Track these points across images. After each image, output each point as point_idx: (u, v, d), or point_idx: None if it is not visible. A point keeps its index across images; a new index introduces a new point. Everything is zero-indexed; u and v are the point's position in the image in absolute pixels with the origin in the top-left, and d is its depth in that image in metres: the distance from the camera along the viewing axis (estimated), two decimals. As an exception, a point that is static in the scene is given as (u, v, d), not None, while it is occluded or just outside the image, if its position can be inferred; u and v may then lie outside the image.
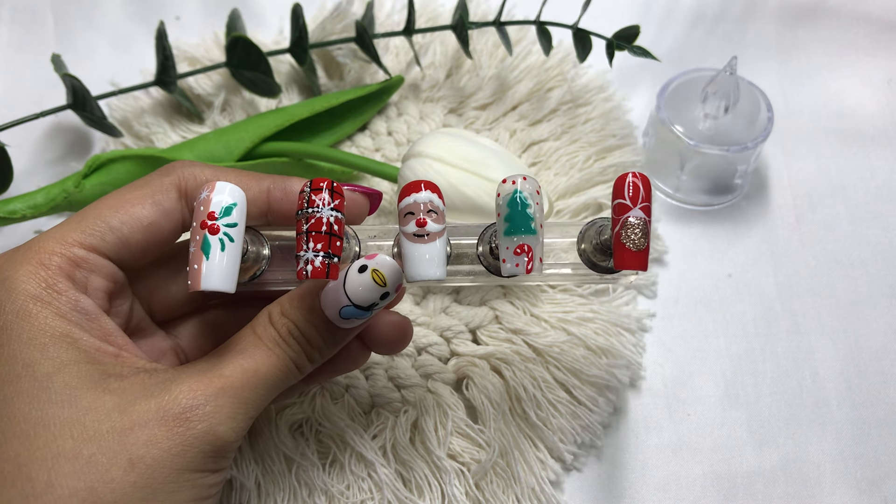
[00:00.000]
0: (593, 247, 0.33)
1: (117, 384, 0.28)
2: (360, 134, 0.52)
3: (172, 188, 0.31)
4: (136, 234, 0.30)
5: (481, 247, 0.33)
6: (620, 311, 0.45)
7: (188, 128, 0.52)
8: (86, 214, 0.30)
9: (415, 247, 0.29)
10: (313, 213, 0.28)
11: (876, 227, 0.50)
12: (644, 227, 0.30)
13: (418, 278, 0.29)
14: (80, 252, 0.29)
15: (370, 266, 0.29)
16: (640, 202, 0.30)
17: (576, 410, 0.42)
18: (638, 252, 0.30)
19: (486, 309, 0.44)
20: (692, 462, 0.42)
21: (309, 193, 0.29)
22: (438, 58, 0.54)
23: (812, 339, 0.46)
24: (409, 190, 0.30)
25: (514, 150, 0.50)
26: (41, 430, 0.26)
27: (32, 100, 0.54)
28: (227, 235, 0.28)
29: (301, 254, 0.28)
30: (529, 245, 0.29)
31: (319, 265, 0.28)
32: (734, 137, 0.47)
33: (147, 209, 0.31)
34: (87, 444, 0.26)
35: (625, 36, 0.47)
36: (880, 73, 0.56)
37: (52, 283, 0.29)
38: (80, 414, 0.27)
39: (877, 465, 0.42)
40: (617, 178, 0.30)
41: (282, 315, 0.31)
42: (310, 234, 0.28)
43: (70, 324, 0.28)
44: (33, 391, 0.27)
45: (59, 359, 0.28)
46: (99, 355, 0.29)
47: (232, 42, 0.49)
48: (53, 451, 0.26)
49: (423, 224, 0.29)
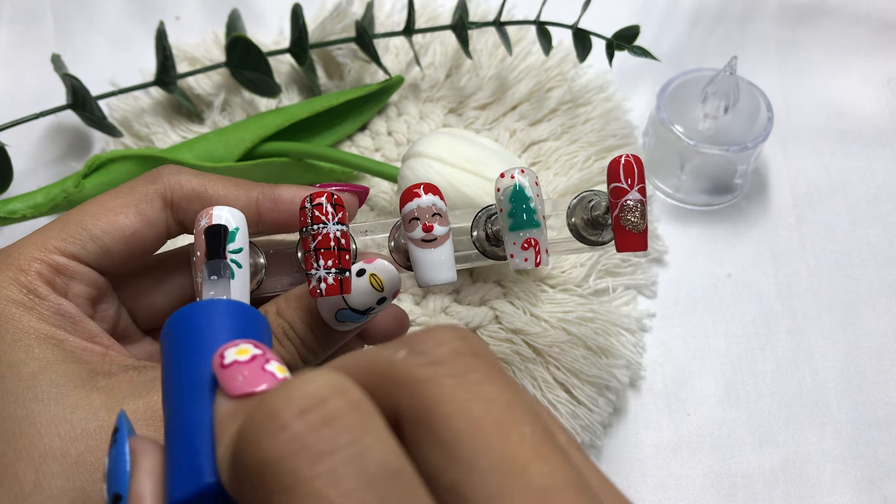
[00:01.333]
0: (583, 221, 0.33)
1: (105, 382, 0.28)
2: (360, 134, 0.52)
3: (157, 197, 0.31)
4: (118, 244, 0.30)
5: (476, 231, 0.33)
6: (620, 311, 0.45)
7: (188, 128, 0.52)
8: (67, 221, 0.30)
9: (425, 252, 0.29)
10: (319, 229, 0.28)
11: (876, 227, 0.50)
12: (642, 208, 0.30)
13: (430, 283, 0.29)
14: (60, 259, 0.29)
15: (368, 271, 0.29)
16: (636, 183, 0.30)
17: (576, 410, 0.42)
18: (638, 234, 0.30)
19: (485, 309, 0.44)
20: (692, 462, 0.42)
21: (311, 209, 0.28)
22: (438, 58, 0.54)
23: (812, 339, 0.46)
24: (410, 195, 0.29)
25: (514, 150, 0.50)
26: (27, 429, 0.26)
27: (32, 100, 0.54)
28: (235, 262, 0.28)
29: (312, 272, 0.28)
30: (536, 239, 0.30)
31: (333, 282, 0.28)
32: (734, 137, 0.47)
33: (130, 219, 0.30)
34: (74, 443, 0.26)
35: (625, 36, 0.47)
36: (880, 73, 0.56)
37: (33, 289, 0.28)
38: (68, 412, 0.27)
39: (877, 465, 0.42)
40: (611, 161, 0.31)
41: (277, 315, 0.30)
42: (318, 251, 0.28)
43: (54, 326, 0.28)
44: (18, 390, 0.27)
45: (45, 358, 0.27)
46: (86, 355, 0.28)
47: (232, 42, 0.49)
48: (40, 450, 0.26)
49: (430, 229, 0.29)
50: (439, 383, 0.17)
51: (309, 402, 0.16)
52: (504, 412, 0.16)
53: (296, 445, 0.15)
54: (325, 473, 0.15)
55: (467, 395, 0.17)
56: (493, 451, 0.16)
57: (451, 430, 0.16)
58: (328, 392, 0.16)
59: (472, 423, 0.16)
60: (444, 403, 0.16)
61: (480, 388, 0.17)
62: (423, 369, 0.17)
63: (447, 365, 0.17)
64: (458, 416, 0.16)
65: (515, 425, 0.16)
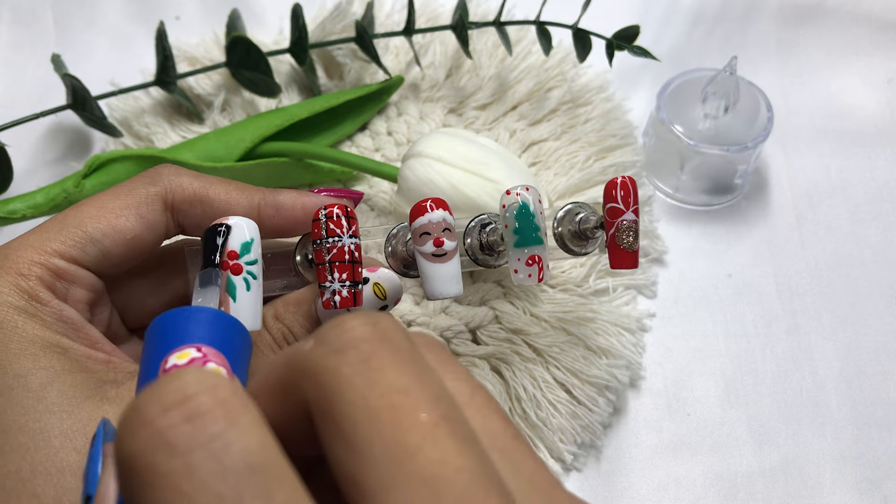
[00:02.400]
0: (570, 233, 0.34)
1: (114, 392, 0.27)
2: (360, 134, 0.52)
3: (158, 200, 0.30)
4: (118, 248, 0.30)
5: (469, 240, 0.34)
6: (620, 311, 0.45)
7: (188, 128, 0.52)
8: (65, 222, 0.29)
9: (435, 267, 0.30)
10: (334, 242, 0.28)
11: (876, 227, 0.50)
12: (636, 228, 0.32)
13: (439, 297, 0.30)
14: (61, 263, 0.29)
15: (372, 280, 0.30)
16: (631, 205, 0.32)
17: (576, 410, 0.42)
18: (632, 252, 0.32)
19: (485, 309, 0.44)
20: (692, 462, 0.42)
21: (326, 222, 0.29)
22: (438, 58, 0.54)
23: (812, 339, 0.46)
24: (421, 210, 0.30)
25: (514, 150, 0.50)
26: (42, 443, 0.26)
27: (32, 100, 0.54)
28: (251, 273, 0.27)
29: (327, 284, 0.28)
30: (539, 255, 0.31)
31: (347, 294, 0.28)
32: (734, 137, 0.47)
33: (131, 222, 0.30)
34: None
35: (625, 36, 0.47)
36: (880, 73, 0.56)
37: (34, 294, 0.28)
38: (82, 424, 0.26)
39: (877, 465, 0.42)
40: (607, 182, 0.32)
41: (276, 319, 0.30)
42: (333, 264, 0.28)
43: (57, 334, 0.28)
44: (28, 402, 0.26)
45: (52, 368, 0.27)
46: (90, 363, 0.28)
47: (232, 42, 0.49)
48: (58, 465, 0.25)
49: (442, 244, 0.30)
50: (339, 372, 0.16)
51: (173, 399, 0.16)
52: (400, 398, 0.16)
53: (156, 441, 0.15)
54: (182, 467, 0.15)
55: (365, 382, 0.16)
56: (386, 438, 0.16)
57: (350, 420, 0.16)
58: (195, 388, 0.16)
59: (367, 412, 0.16)
60: (343, 393, 0.16)
61: (378, 375, 0.16)
62: (326, 359, 0.17)
63: (348, 353, 0.17)
64: (355, 406, 0.16)
65: (410, 412, 0.16)
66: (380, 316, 0.18)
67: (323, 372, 0.17)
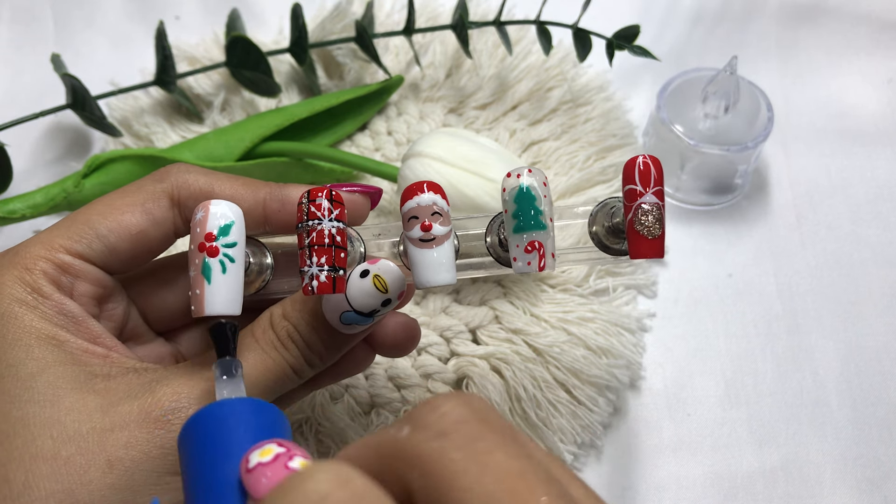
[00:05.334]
0: (605, 229, 0.31)
1: (103, 385, 0.28)
2: (360, 134, 0.52)
3: (164, 196, 0.30)
4: (124, 243, 0.30)
5: (489, 237, 0.32)
6: (620, 311, 0.45)
7: (188, 127, 0.52)
8: (74, 219, 0.30)
9: (422, 252, 0.28)
10: (314, 225, 0.27)
11: (876, 227, 0.50)
12: (658, 212, 0.28)
13: (428, 285, 0.28)
14: (66, 258, 0.29)
15: (372, 271, 0.29)
16: (652, 186, 0.28)
17: (576, 410, 0.42)
18: (653, 239, 0.28)
19: (485, 309, 0.44)
20: (692, 462, 0.42)
21: (308, 205, 0.27)
22: (438, 57, 0.54)
23: (812, 339, 0.46)
24: (411, 192, 0.28)
25: (514, 149, 0.50)
26: (21, 430, 0.26)
27: (32, 100, 0.54)
28: (228, 256, 0.27)
29: (305, 269, 0.27)
30: (540, 241, 0.28)
31: (325, 279, 0.27)
32: (734, 137, 0.47)
33: (136, 217, 0.30)
34: (65, 445, 0.26)
35: (625, 36, 0.47)
36: (880, 73, 0.56)
37: (37, 288, 0.28)
38: (62, 414, 0.26)
39: (877, 465, 0.42)
40: (626, 162, 0.29)
41: (283, 318, 0.30)
42: (312, 248, 0.27)
43: (56, 326, 0.28)
44: (15, 391, 0.27)
45: (44, 359, 0.27)
46: (86, 357, 0.28)
47: (232, 42, 0.49)
48: (32, 451, 0.26)
49: (429, 228, 0.28)
50: (448, 457, 0.16)
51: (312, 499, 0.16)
52: (517, 482, 0.16)
53: None
54: None
55: (478, 467, 0.16)
56: None
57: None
58: (330, 486, 0.16)
59: (486, 498, 0.16)
60: (456, 479, 0.16)
61: (490, 458, 0.16)
62: (429, 444, 0.17)
63: (453, 436, 0.17)
64: (471, 493, 0.16)
65: (531, 495, 0.16)
66: (471, 396, 0.18)
67: (428, 459, 0.17)
